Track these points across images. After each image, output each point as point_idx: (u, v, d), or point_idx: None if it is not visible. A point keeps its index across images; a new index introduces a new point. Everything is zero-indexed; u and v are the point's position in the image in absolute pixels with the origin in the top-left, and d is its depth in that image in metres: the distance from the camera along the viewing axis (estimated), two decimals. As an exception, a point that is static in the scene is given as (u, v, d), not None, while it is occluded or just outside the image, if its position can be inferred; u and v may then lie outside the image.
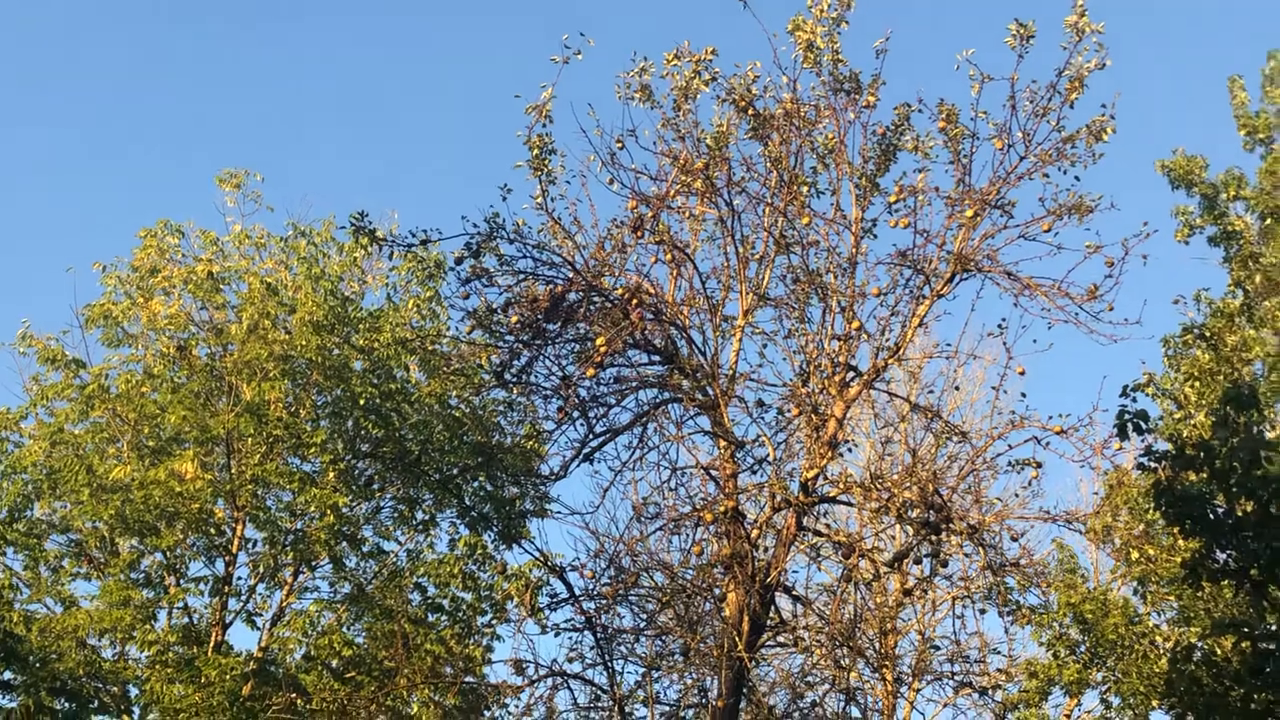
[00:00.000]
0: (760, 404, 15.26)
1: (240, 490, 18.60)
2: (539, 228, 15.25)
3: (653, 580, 15.13)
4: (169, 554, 19.05)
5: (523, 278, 14.69)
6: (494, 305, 14.65)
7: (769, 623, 14.55)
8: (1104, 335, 14.26)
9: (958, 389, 25.30)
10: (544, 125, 14.79)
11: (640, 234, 15.07)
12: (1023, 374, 15.14)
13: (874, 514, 15.38)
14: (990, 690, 19.87)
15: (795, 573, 27.11)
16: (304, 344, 19.16)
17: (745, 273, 15.81)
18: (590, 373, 14.49)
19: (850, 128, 15.61)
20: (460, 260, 14.49)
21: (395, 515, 20.71)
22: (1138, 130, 59.73)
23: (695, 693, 15.03)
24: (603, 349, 14.08)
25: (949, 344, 18.58)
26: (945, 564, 14.90)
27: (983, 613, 17.52)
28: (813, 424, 14.71)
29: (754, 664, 14.66)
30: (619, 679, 14.85)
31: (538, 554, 16.90)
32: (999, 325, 14.85)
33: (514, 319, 14.42)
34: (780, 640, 15.54)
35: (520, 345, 14.74)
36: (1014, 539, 15.28)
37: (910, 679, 21.63)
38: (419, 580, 20.02)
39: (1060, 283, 14.39)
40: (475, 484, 19.33)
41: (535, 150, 14.78)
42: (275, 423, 18.65)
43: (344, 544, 19.58)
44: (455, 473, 19.01)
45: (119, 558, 18.73)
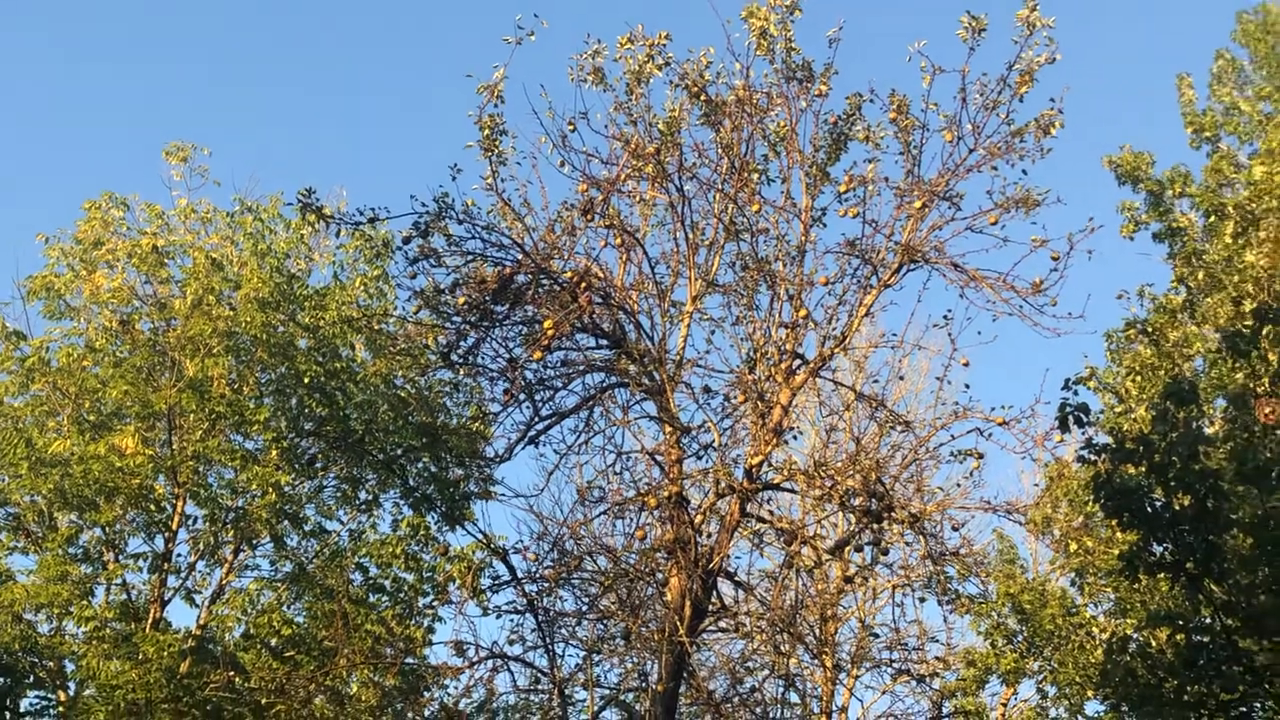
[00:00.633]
0: (707, 390, 15.31)
1: (181, 467, 18.42)
2: (488, 209, 15.23)
3: (596, 564, 15.13)
4: (108, 529, 18.85)
5: (471, 259, 14.64)
6: (441, 286, 14.61)
7: (710, 608, 14.60)
8: (1048, 328, 14.39)
9: (902, 379, 25.48)
10: (495, 106, 14.75)
11: (590, 217, 15.05)
12: (967, 365, 15.26)
13: (817, 501, 15.47)
14: (928, 678, 20.04)
15: (738, 558, 27.20)
16: (249, 320, 18.98)
17: (694, 258, 15.82)
18: (537, 355, 14.47)
19: (802, 116, 15.67)
20: (408, 240, 14.42)
21: (338, 495, 20.57)
22: (1086, 126, 60.30)
23: (636, 676, 15.06)
24: (550, 332, 14.07)
25: (895, 334, 18.63)
26: (886, 552, 15.00)
27: (922, 601, 17.66)
28: (758, 411, 14.75)
29: (695, 649, 14.71)
30: (560, 662, 14.87)
31: (480, 536, 16.86)
32: (944, 316, 14.98)
33: (461, 300, 14.37)
34: (721, 625, 15.60)
35: (467, 326, 14.69)
36: (955, 528, 15.41)
37: (849, 666, 21.79)
38: (361, 560, 19.90)
39: (1006, 275, 14.51)
40: (419, 465, 19.23)
41: (486, 130, 14.73)
42: (218, 399, 18.47)
43: (285, 523, 19.43)
44: (399, 453, 18.90)
45: (57, 532, 18.50)
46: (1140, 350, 20.31)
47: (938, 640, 21.47)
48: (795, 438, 16.63)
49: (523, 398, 14.84)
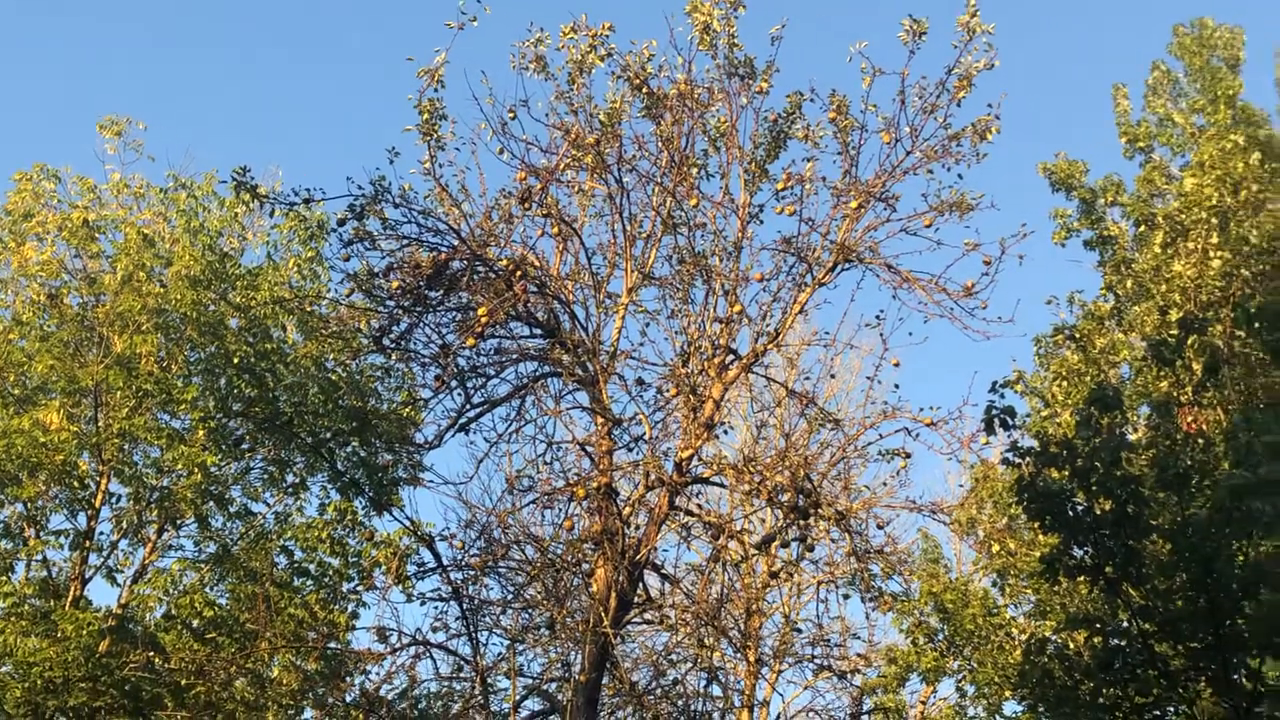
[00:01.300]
0: (640, 382, 15.34)
1: (106, 444, 18.20)
2: (426, 193, 15.18)
3: (523, 553, 15.12)
4: (29, 505, 18.58)
5: (406, 243, 14.57)
6: (376, 269, 14.52)
7: (636, 600, 14.64)
8: (978, 331, 14.57)
9: (833, 377, 25.61)
10: (436, 90, 14.66)
11: (528, 206, 15.02)
12: (897, 365, 15.43)
13: (745, 496, 15.53)
14: (849, 674, 20.21)
15: (665, 551, 27.32)
16: (179, 298, 18.78)
17: (631, 250, 15.84)
18: (470, 342, 14.44)
19: (743, 113, 15.74)
20: (343, 222, 14.34)
21: (265, 477, 20.39)
22: (1022, 132, 60.89)
23: (559, 666, 15.08)
24: (484, 319, 14.04)
25: (828, 332, 18.73)
26: (812, 548, 15.12)
27: (846, 598, 17.77)
28: (690, 404, 14.80)
29: (619, 640, 14.73)
30: (483, 650, 14.86)
31: (407, 522, 16.79)
32: (877, 316, 15.14)
33: (395, 284, 14.30)
34: (646, 617, 15.66)
35: (400, 311, 14.63)
36: (880, 527, 15.57)
37: (772, 661, 21.90)
38: (286, 543, 19.77)
39: (938, 278, 14.67)
40: (348, 449, 19.12)
41: (425, 115, 14.64)
42: (145, 377, 18.27)
43: (211, 503, 19.24)
44: (328, 436, 18.78)
45: (-24, 507, 18.25)
46: (1067, 356, 20.53)
47: (860, 637, 21.69)
48: (726, 432, 16.74)
49: (454, 385, 14.81)
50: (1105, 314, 21.15)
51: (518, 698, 14.40)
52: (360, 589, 19.31)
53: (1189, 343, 15.74)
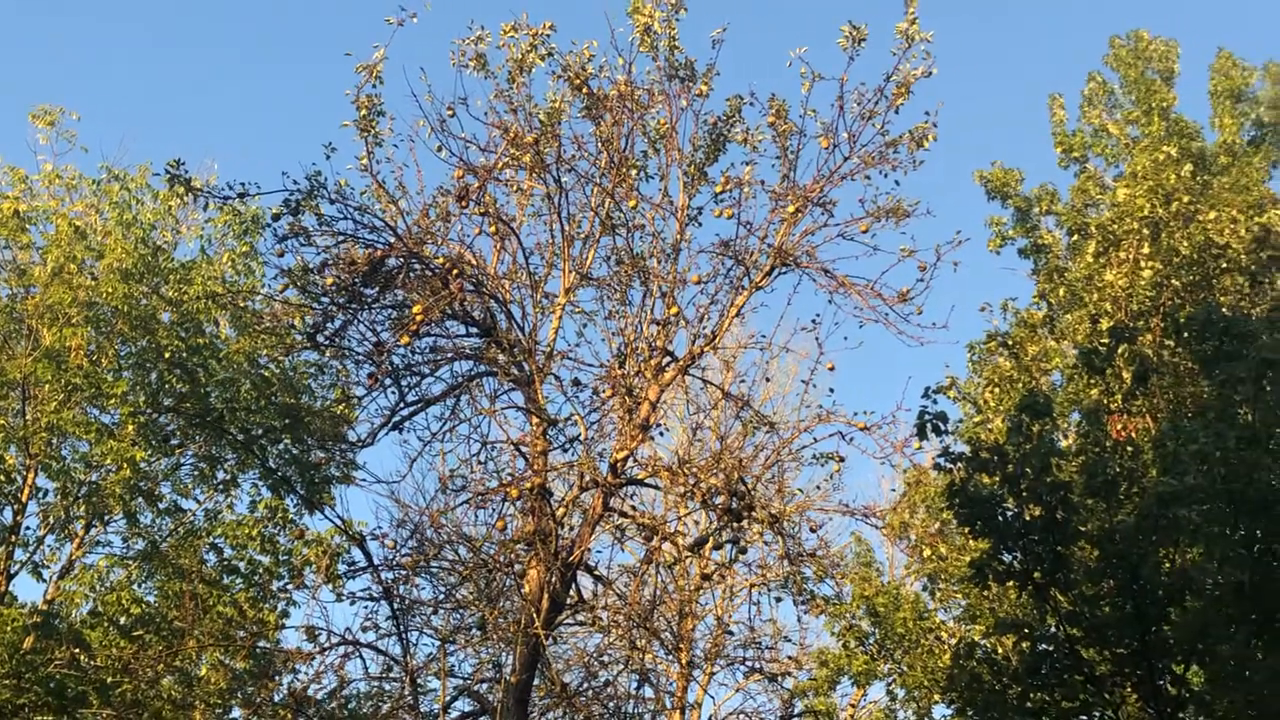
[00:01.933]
0: (576, 383, 15.29)
1: (34, 438, 17.94)
2: (362, 190, 15.04)
3: (456, 553, 15.03)
4: (-47, 499, 18.32)
5: (342, 239, 14.45)
6: (310, 265, 14.40)
7: (569, 601, 14.60)
8: (912, 337, 14.64)
9: (769, 380, 25.70)
10: (374, 86, 14.56)
11: (465, 204, 14.95)
12: (832, 369, 15.48)
13: (679, 498, 15.53)
14: (780, 677, 20.25)
15: (599, 552, 27.30)
16: (110, 291, 18.55)
17: (569, 251, 15.81)
18: (405, 340, 14.35)
19: (682, 115, 15.76)
20: (278, 217, 14.21)
21: (195, 473, 20.20)
22: (958, 140, 61.40)
23: (490, 667, 15.00)
24: (419, 317, 13.96)
25: (764, 335, 18.82)
26: (745, 551, 15.14)
27: (778, 601, 17.82)
28: (626, 406, 14.78)
29: (551, 641, 14.70)
30: (413, 650, 14.76)
31: (338, 521, 16.66)
32: (813, 320, 15.18)
33: (330, 280, 14.19)
34: (579, 619, 15.61)
35: (335, 308, 14.52)
36: (813, 530, 15.63)
37: (704, 663, 21.92)
38: (215, 541, 19.60)
39: (874, 283, 14.74)
40: (280, 446, 18.97)
41: (363, 110, 14.53)
42: (75, 370, 18.03)
43: (140, 499, 19.04)
44: (260, 433, 18.62)
45: (-101, 500, 17.94)
46: (1000, 362, 20.74)
47: (791, 640, 21.75)
48: (662, 434, 16.72)
49: (388, 382, 14.71)
50: (1038, 322, 21.38)
51: (448, 698, 14.31)
52: (290, 587, 19.19)
53: (1119, 351, 15.94)
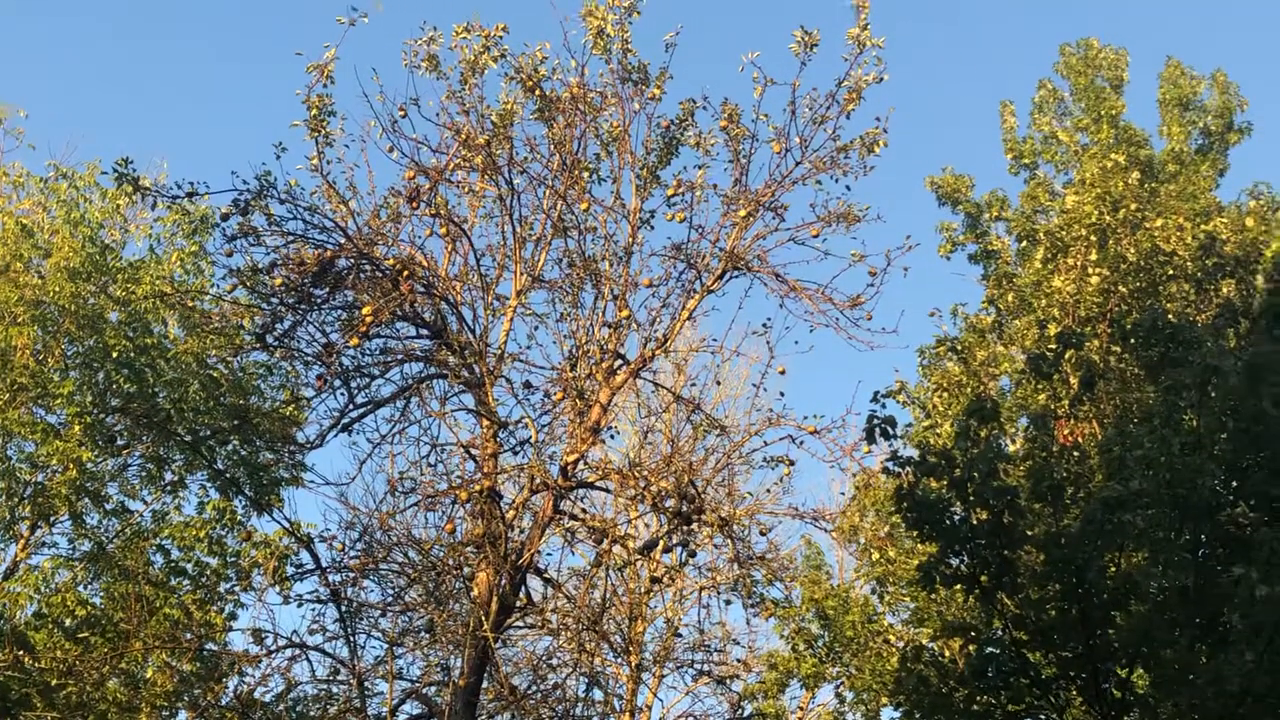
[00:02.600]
0: (527, 385, 15.26)
1: (-23, 438, 17.79)
2: (313, 190, 14.94)
3: (405, 556, 14.97)
4: (-104, 499, 18.11)
5: (292, 239, 14.36)
6: (260, 265, 14.29)
7: (518, 604, 14.57)
8: (862, 341, 14.72)
9: (720, 384, 25.73)
10: (325, 86, 14.47)
11: (416, 205, 14.89)
12: (783, 373, 15.55)
13: (630, 501, 15.54)
14: (728, 680, 20.30)
15: (549, 555, 27.20)
16: (57, 290, 18.41)
17: (521, 253, 15.77)
18: (354, 342, 14.27)
19: (635, 118, 15.77)
20: (227, 216, 14.11)
21: (143, 474, 20.06)
22: (910, 146, 61.79)
23: (439, 670, 14.95)
24: (369, 318, 13.89)
25: (716, 339, 18.81)
26: (694, 554, 15.16)
27: (728, 604, 17.89)
28: (577, 409, 14.77)
29: (500, 644, 14.67)
30: (360, 653, 14.68)
31: (286, 523, 16.56)
32: (764, 324, 15.22)
33: (279, 281, 14.10)
34: (528, 622, 15.58)
35: (284, 308, 14.42)
36: (762, 533, 15.68)
37: (653, 666, 21.94)
38: (163, 542, 19.45)
39: (824, 288, 14.81)
40: (229, 447, 18.86)
41: (314, 110, 14.43)
42: (21, 370, 17.88)
43: (86, 500, 18.89)
44: (208, 434, 18.49)
45: None
46: (949, 367, 20.86)
47: (740, 643, 21.81)
48: (613, 437, 16.73)
49: (338, 384, 14.63)
50: (987, 327, 21.53)
51: (395, 701, 14.25)
52: (238, 589, 19.08)
53: (1066, 357, 16.06)
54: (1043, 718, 15.03)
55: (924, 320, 23.51)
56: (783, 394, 25.85)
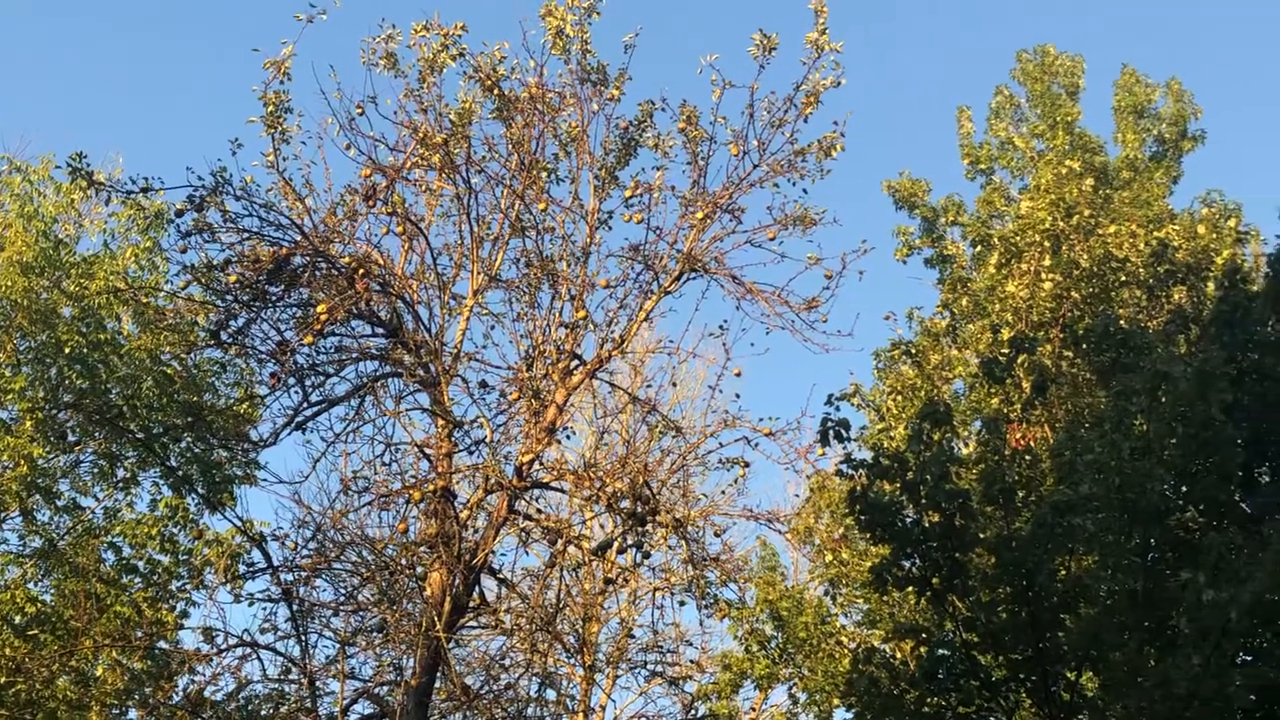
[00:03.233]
0: (483, 385, 15.22)
1: (-73, 433, 17.62)
2: (268, 187, 14.85)
3: (359, 555, 14.91)
4: None
5: (247, 236, 14.27)
6: (215, 262, 14.21)
7: (471, 604, 14.53)
8: (818, 344, 14.73)
9: (676, 385, 25.72)
10: (282, 82, 14.40)
11: (373, 203, 14.83)
12: (739, 375, 15.57)
13: (585, 502, 15.53)
14: (680, 681, 20.32)
15: (503, 555, 27.17)
16: (9, 285, 18.27)
17: (478, 252, 15.73)
18: (309, 340, 14.19)
19: (594, 119, 15.74)
20: (182, 212, 14.00)
21: (95, 470, 19.91)
22: (867, 150, 62.03)
23: (391, 670, 14.90)
24: (324, 316, 13.82)
25: (672, 340, 18.86)
26: (649, 555, 15.18)
27: (682, 604, 17.92)
28: (533, 409, 14.76)
29: (453, 644, 14.63)
30: (312, 652, 14.61)
31: (239, 522, 16.46)
32: (721, 326, 15.25)
33: (234, 277, 14.01)
34: (482, 622, 15.54)
35: (239, 305, 14.33)
36: (717, 534, 15.70)
37: (606, 667, 21.93)
38: (114, 539, 19.32)
39: (781, 290, 14.84)
40: (182, 444, 18.74)
41: (271, 107, 14.36)
42: (-30, 365, 17.73)
43: (37, 496, 18.75)
44: (161, 431, 18.37)
45: None
46: (904, 370, 20.97)
47: (693, 644, 21.83)
48: (569, 437, 16.71)
49: (292, 382, 14.54)
50: (941, 331, 21.67)
51: (347, 701, 14.19)
52: (189, 587, 18.98)
53: (1019, 361, 16.19)
54: (991, 720, 15.16)
55: (880, 323, 23.65)
56: (739, 396, 25.74)
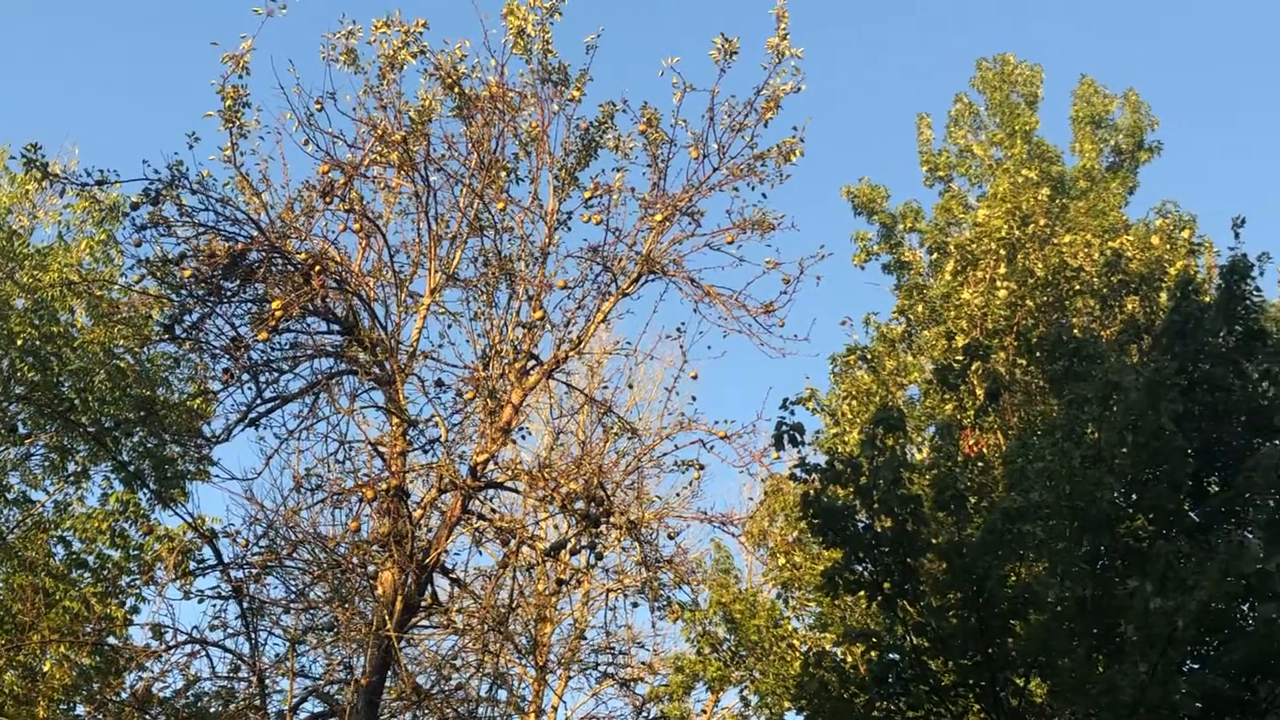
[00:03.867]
0: (439, 384, 15.19)
1: (-125, 424, 17.41)
2: (225, 182, 14.77)
3: (311, 553, 14.83)
4: None
5: (203, 231, 14.18)
6: (170, 256, 14.11)
7: (423, 603, 14.49)
8: (775, 348, 14.78)
9: (632, 387, 25.75)
10: (240, 77, 14.32)
11: (330, 200, 14.78)
12: (695, 378, 15.60)
13: (539, 502, 15.52)
14: (632, 683, 20.33)
15: (456, 555, 27.12)
16: (-39, 276, 18.07)
17: (436, 250, 15.69)
18: (263, 336, 14.11)
19: (554, 119, 15.75)
20: (138, 205, 13.90)
21: (46, 464, 19.71)
22: (826, 155, 62.25)
23: (341, 668, 14.83)
24: (279, 313, 13.75)
25: (630, 342, 18.91)
26: (602, 556, 15.19)
27: (635, 606, 17.94)
28: (488, 408, 14.74)
29: (405, 644, 14.59)
30: (262, 650, 14.53)
31: (190, 518, 16.34)
32: (678, 329, 15.29)
33: (188, 272, 13.91)
34: (434, 621, 15.50)
35: (193, 300, 14.24)
36: (670, 536, 15.71)
37: (558, 668, 21.92)
38: (64, 533, 19.13)
39: (739, 294, 14.87)
40: (134, 439, 18.57)
41: (229, 101, 14.28)
42: (-79, 356, 17.52)
43: (-15, 489, 18.57)
44: (112, 425, 18.20)
45: None
46: (860, 376, 21.07)
47: (645, 646, 21.86)
48: (525, 437, 16.71)
49: (246, 378, 14.46)
50: (897, 337, 21.77)
51: (296, 699, 14.11)
52: (139, 583, 18.82)
53: (973, 368, 16.31)
54: (940, 724, 15.23)
55: (836, 329, 23.76)
56: (695, 398, 25.83)
